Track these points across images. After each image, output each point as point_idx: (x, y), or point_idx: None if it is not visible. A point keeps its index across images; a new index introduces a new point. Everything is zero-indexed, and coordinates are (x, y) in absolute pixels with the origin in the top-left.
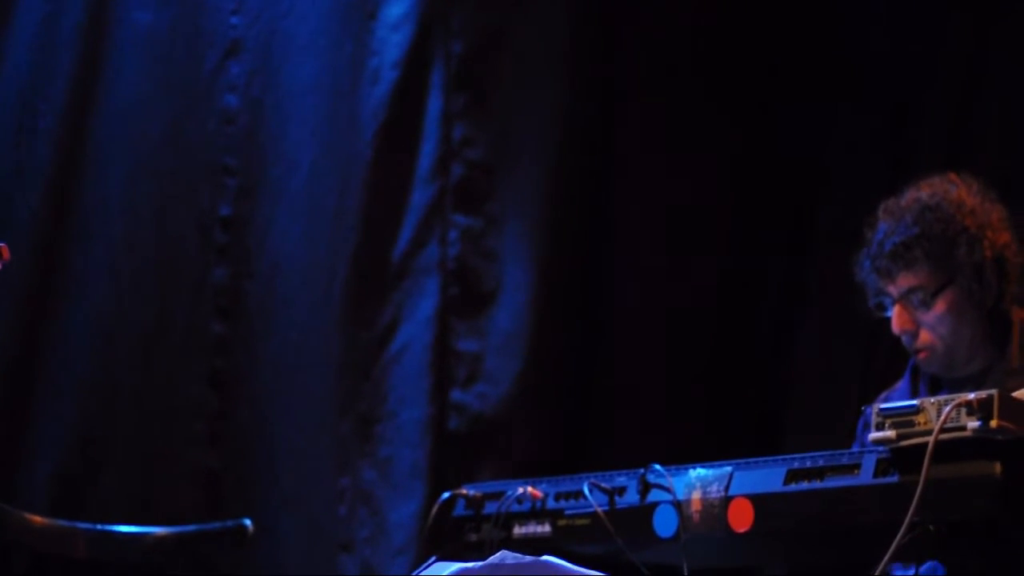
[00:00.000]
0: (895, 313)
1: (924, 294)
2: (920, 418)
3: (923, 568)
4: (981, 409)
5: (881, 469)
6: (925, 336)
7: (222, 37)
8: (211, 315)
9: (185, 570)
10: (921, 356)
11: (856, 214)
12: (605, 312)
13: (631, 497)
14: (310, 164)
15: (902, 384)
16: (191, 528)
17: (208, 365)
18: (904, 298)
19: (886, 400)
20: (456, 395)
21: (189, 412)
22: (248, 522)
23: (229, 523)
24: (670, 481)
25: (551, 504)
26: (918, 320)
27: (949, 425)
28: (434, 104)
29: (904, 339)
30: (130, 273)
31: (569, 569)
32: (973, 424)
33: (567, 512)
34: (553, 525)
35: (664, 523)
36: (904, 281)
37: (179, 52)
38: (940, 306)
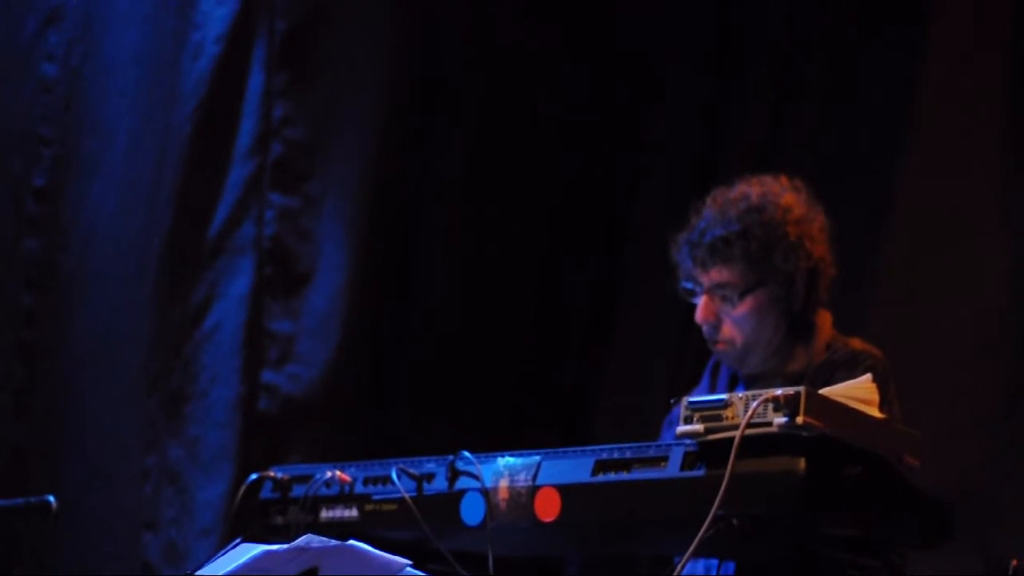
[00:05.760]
0: (701, 303)
1: (732, 291)
2: (728, 412)
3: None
4: (788, 405)
5: (688, 462)
6: (726, 330)
7: (42, 4)
8: (21, 286)
9: None
10: (719, 347)
11: (671, 211)
12: (421, 297)
13: (439, 484)
14: (128, 137)
15: (701, 385)
16: None
17: (16, 337)
18: (713, 290)
19: None
20: (267, 376)
21: None
22: (52, 498)
23: (33, 499)
24: (479, 469)
25: (359, 488)
26: (722, 314)
27: (756, 420)
28: (255, 81)
29: (705, 329)
30: None
31: (374, 554)
32: (779, 420)
33: (375, 497)
34: (360, 510)
35: (471, 511)
36: (716, 274)
37: None
38: (746, 305)
